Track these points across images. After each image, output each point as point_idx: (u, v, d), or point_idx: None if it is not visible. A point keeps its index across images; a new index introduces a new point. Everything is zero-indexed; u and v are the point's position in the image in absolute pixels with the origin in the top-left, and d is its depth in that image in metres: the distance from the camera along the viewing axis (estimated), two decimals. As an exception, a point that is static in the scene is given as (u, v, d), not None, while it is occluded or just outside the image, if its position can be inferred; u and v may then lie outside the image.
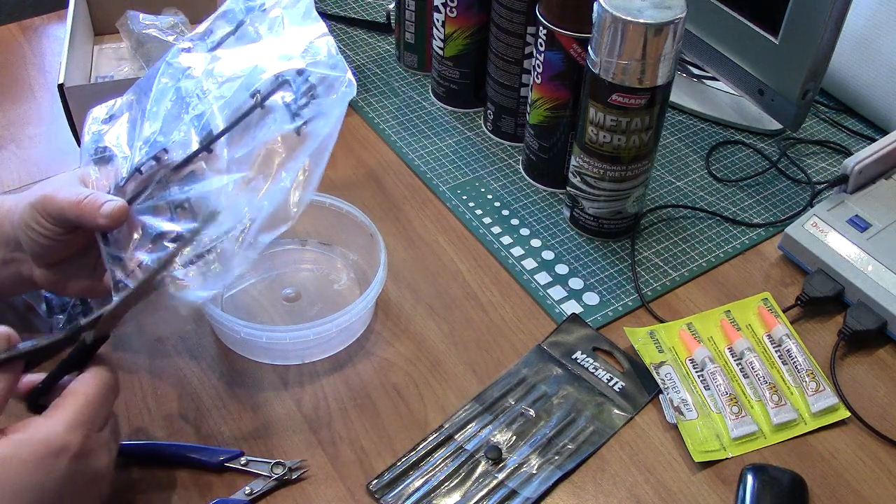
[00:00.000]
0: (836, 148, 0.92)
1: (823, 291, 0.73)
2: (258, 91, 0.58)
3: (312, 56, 0.58)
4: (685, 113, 0.97)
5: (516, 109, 0.88)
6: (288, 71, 0.58)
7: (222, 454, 0.61)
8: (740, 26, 0.85)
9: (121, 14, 0.94)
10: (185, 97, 0.61)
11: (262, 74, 0.59)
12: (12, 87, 0.97)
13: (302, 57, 0.58)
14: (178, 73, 0.63)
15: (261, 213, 0.55)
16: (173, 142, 0.59)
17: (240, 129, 0.58)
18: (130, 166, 0.60)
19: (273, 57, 0.60)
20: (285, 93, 0.58)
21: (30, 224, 0.59)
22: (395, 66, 1.02)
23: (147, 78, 0.64)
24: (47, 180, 0.62)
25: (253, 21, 0.63)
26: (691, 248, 0.80)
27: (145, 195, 0.59)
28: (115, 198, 0.58)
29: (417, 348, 0.70)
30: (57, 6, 1.04)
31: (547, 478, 0.61)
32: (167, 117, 0.61)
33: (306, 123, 0.56)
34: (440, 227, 0.81)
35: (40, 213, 0.58)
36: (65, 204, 0.57)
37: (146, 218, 0.58)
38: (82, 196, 0.57)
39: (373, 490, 0.60)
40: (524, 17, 0.81)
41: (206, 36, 0.65)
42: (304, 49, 0.59)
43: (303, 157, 0.55)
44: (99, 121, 0.65)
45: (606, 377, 0.68)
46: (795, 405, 0.66)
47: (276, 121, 0.57)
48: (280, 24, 0.62)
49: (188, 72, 0.63)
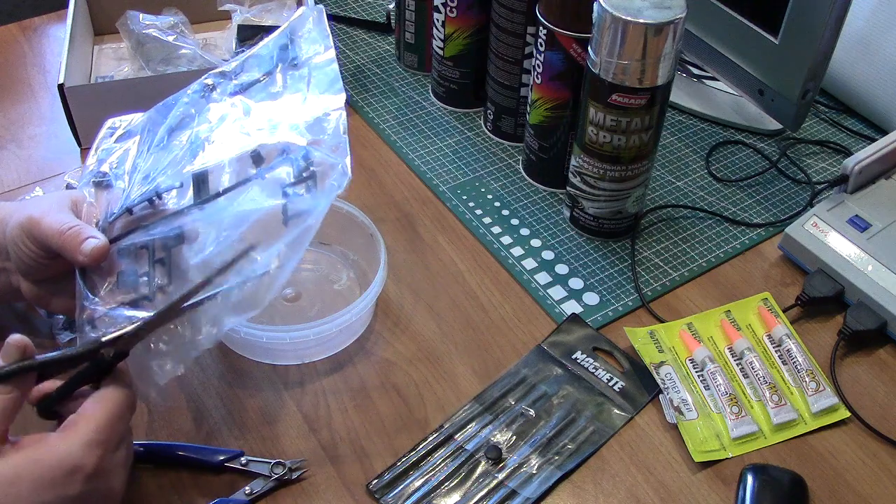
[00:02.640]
0: (836, 148, 0.92)
1: (823, 291, 0.73)
2: (262, 157, 0.58)
3: (320, 131, 0.58)
4: (685, 113, 0.97)
5: (516, 109, 0.88)
6: (293, 147, 0.58)
7: (222, 454, 0.61)
8: (740, 26, 0.85)
9: (121, 14, 0.94)
10: (195, 142, 0.60)
11: (268, 140, 0.58)
12: (12, 87, 0.97)
13: (310, 129, 0.58)
14: (198, 107, 0.63)
15: (229, 297, 0.54)
16: (170, 186, 0.59)
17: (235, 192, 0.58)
18: (124, 201, 0.60)
19: (285, 123, 0.59)
20: (286, 167, 0.57)
21: (17, 242, 0.59)
22: (395, 66, 1.02)
23: (166, 105, 0.64)
24: (39, 199, 0.62)
25: (283, 70, 0.63)
26: (691, 248, 0.80)
27: (130, 237, 0.58)
28: (97, 235, 0.57)
29: (417, 348, 0.70)
30: (57, 6, 1.04)
31: (547, 478, 0.61)
32: (173, 161, 0.60)
33: (292, 217, 0.55)
34: (440, 227, 0.81)
35: (26, 234, 0.58)
36: (48, 231, 0.57)
37: (125, 262, 0.58)
38: (66, 227, 0.57)
39: (373, 490, 0.60)
40: (524, 17, 0.81)
41: (234, 74, 0.64)
42: (315, 119, 0.59)
43: (281, 243, 0.55)
44: (111, 138, 0.65)
45: (606, 377, 0.68)
46: (795, 405, 0.66)
47: (267, 196, 0.57)
48: (305, 85, 0.62)
49: (206, 113, 0.62)
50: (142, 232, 0.58)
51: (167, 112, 0.64)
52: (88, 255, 0.56)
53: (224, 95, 0.64)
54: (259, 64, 0.65)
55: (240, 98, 0.63)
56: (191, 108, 0.63)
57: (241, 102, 0.63)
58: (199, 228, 0.57)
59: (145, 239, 0.58)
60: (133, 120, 0.66)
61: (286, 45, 0.64)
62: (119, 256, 0.58)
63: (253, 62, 0.65)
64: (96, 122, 0.87)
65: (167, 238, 0.57)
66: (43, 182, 0.84)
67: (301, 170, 0.57)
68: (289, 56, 0.63)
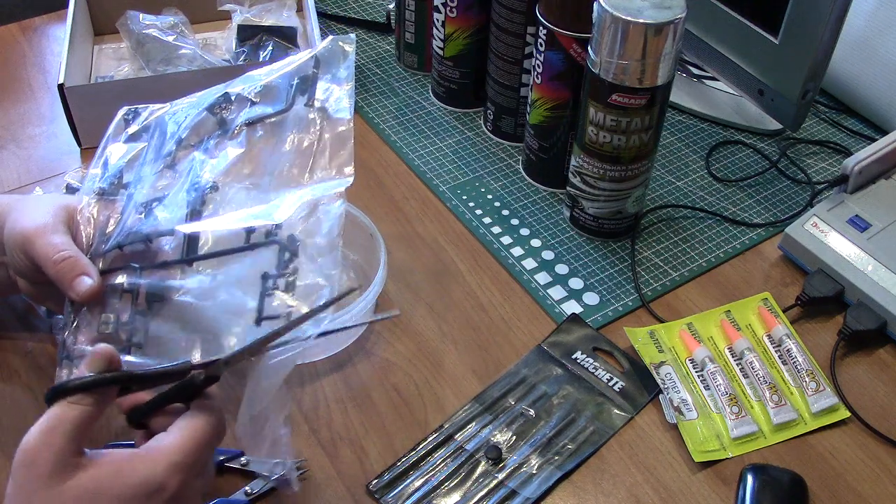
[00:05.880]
0: (836, 148, 0.92)
1: (823, 291, 0.73)
2: (254, 229, 0.57)
3: (312, 230, 0.57)
4: (685, 113, 0.97)
5: (516, 109, 0.88)
6: (283, 236, 0.57)
7: (222, 454, 0.61)
8: (740, 26, 0.85)
9: (121, 14, 0.94)
10: (195, 184, 0.60)
11: (261, 220, 0.57)
12: (12, 87, 0.97)
13: (304, 221, 0.57)
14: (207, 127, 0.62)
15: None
16: (163, 232, 0.58)
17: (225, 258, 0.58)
18: (119, 228, 0.59)
19: (287, 202, 0.58)
20: (272, 250, 0.56)
21: (11, 248, 0.59)
22: (395, 66, 1.02)
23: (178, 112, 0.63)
24: (35, 204, 0.61)
25: (295, 126, 0.61)
26: (691, 248, 0.80)
27: (118, 275, 0.58)
28: (90, 272, 0.57)
29: (417, 348, 0.70)
30: (57, 6, 1.04)
31: (547, 478, 0.61)
32: (173, 196, 0.60)
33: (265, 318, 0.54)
34: (440, 227, 0.81)
35: (19, 248, 0.58)
36: (41, 256, 0.57)
37: (109, 301, 0.58)
38: (59, 257, 0.57)
39: (373, 490, 0.60)
40: (524, 17, 0.81)
41: (249, 102, 0.63)
42: (314, 208, 0.57)
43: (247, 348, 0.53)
44: (122, 137, 0.64)
45: (606, 377, 0.68)
46: (795, 405, 0.66)
47: (248, 274, 0.56)
48: (315, 141, 0.61)
49: (213, 141, 0.61)
50: (130, 273, 0.58)
51: (180, 120, 0.63)
52: (80, 295, 0.56)
53: (235, 122, 0.62)
54: (276, 97, 0.63)
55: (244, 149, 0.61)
56: (202, 126, 0.62)
57: (246, 159, 0.61)
58: (179, 301, 0.56)
59: (131, 282, 0.58)
60: (147, 116, 0.65)
61: (306, 78, 0.63)
62: (105, 293, 0.58)
63: (269, 94, 0.63)
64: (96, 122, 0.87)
65: (152, 292, 0.57)
66: (43, 182, 0.84)
67: (286, 261, 0.56)
68: (305, 95, 0.62)
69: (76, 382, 0.48)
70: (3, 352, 0.68)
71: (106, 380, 0.49)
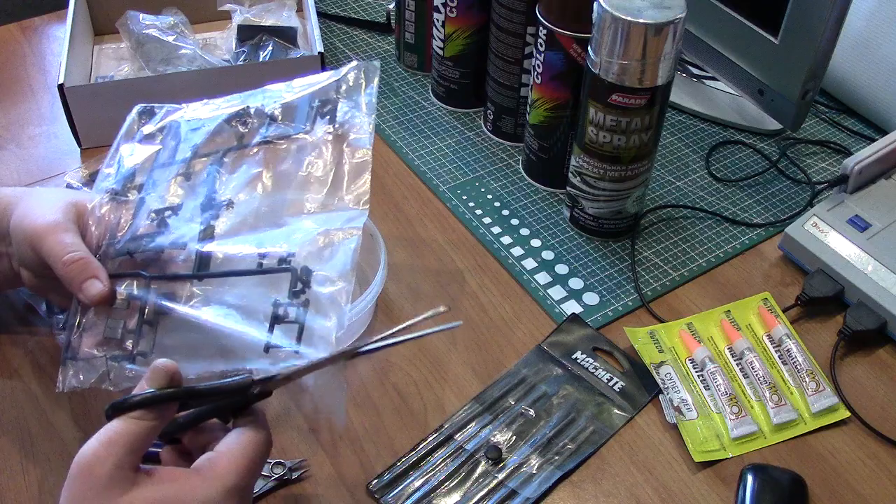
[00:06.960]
0: (836, 148, 0.92)
1: (823, 291, 0.73)
2: (264, 258, 0.57)
3: (326, 261, 0.56)
4: (685, 113, 0.97)
5: (516, 109, 0.88)
6: (296, 267, 0.56)
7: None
8: (740, 26, 0.85)
9: (121, 14, 0.94)
10: (211, 199, 0.60)
11: (276, 247, 0.57)
12: (12, 87, 0.97)
13: (319, 251, 0.57)
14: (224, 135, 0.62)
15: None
16: (175, 244, 0.58)
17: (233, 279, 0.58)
18: (130, 233, 0.59)
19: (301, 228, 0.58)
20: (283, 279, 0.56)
21: (18, 241, 0.59)
22: (395, 66, 1.02)
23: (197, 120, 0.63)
24: (43, 197, 0.61)
25: (314, 150, 0.61)
26: (691, 248, 0.80)
27: (127, 283, 0.58)
28: (101, 276, 0.57)
29: (417, 348, 0.70)
30: (57, 6, 1.04)
31: (547, 478, 0.61)
32: (187, 208, 0.60)
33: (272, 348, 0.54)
34: (440, 227, 0.81)
35: (28, 243, 0.58)
36: (51, 254, 0.57)
37: (116, 308, 0.57)
38: (69, 258, 0.56)
39: (373, 490, 0.60)
40: (524, 17, 0.81)
41: (266, 119, 0.62)
42: (329, 239, 0.57)
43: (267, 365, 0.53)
44: (136, 136, 0.64)
45: (606, 377, 0.68)
46: (795, 405, 0.66)
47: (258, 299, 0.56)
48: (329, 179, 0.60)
49: (224, 179, 0.61)
50: (139, 281, 0.58)
51: (196, 126, 0.63)
52: (90, 299, 0.56)
53: (254, 139, 0.62)
54: (296, 117, 0.63)
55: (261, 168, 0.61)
56: (220, 136, 0.62)
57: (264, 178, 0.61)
58: (186, 316, 0.56)
59: (141, 290, 0.57)
60: (162, 116, 0.65)
61: (327, 101, 0.62)
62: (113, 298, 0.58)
63: (289, 111, 0.63)
64: (96, 122, 0.87)
65: (161, 305, 0.57)
66: (43, 182, 0.84)
67: (297, 291, 0.56)
68: (326, 118, 0.62)
69: (138, 398, 0.47)
70: (3, 350, 0.68)
71: (168, 395, 0.48)
